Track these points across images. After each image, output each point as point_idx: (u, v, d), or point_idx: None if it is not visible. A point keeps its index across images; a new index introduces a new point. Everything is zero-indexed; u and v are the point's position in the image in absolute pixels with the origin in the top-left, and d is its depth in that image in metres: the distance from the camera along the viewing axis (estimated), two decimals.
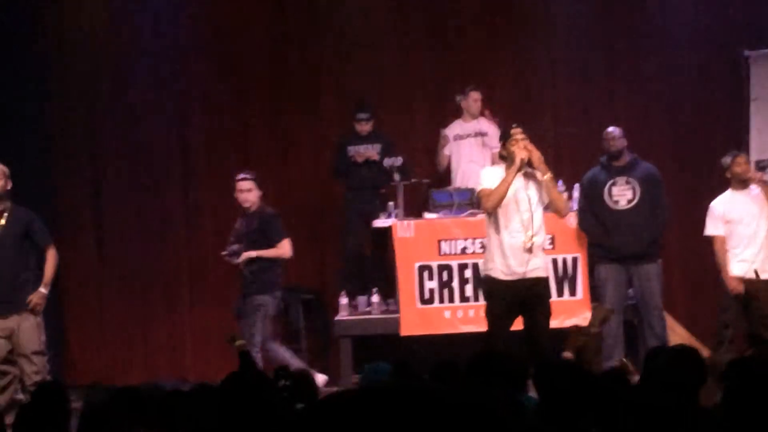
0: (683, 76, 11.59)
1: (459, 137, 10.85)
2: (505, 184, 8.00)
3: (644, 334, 9.63)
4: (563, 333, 9.15)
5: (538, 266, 8.12)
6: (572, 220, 9.91)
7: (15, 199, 8.95)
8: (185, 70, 11.95)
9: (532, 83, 11.84)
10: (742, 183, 9.43)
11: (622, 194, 9.68)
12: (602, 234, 9.67)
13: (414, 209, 10.50)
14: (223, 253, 9.79)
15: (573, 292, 9.96)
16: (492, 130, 10.72)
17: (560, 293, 9.93)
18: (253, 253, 9.64)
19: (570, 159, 11.21)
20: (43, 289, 8.89)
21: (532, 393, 6.07)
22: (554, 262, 9.93)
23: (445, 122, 11.11)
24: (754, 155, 10.78)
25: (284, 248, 9.75)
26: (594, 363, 8.80)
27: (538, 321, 8.12)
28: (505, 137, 8.20)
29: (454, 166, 10.91)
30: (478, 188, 8.26)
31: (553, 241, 9.94)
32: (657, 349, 6.58)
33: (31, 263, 9.00)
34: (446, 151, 10.93)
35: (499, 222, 8.08)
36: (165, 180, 11.96)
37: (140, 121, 11.92)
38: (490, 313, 8.19)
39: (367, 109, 10.98)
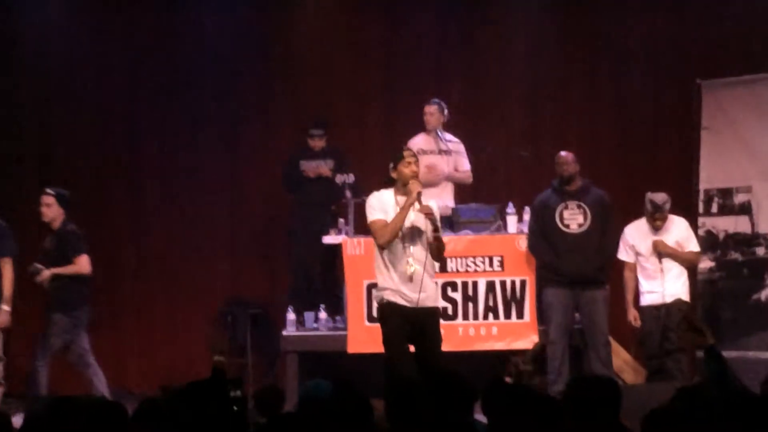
0: (635, 102, 11.69)
1: (423, 152, 10.59)
2: (400, 220, 7.83)
3: (589, 358, 9.66)
4: (505, 356, 9.19)
5: (425, 295, 7.93)
6: (522, 242, 9.95)
7: None
8: (135, 83, 11.90)
9: (484, 105, 11.88)
10: None
11: (573, 218, 9.72)
12: (552, 257, 9.70)
13: (365, 227, 10.44)
14: (29, 269, 9.67)
15: (520, 315, 9.98)
16: (458, 149, 10.61)
17: (507, 316, 9.96)
18: (48, 272, 9.55)
19: (520, 182, 11.25)
20: (6, 307, 9.16)
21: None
22: (503, 284, 9.97)
23: (398, 137, 11.06)
24: (703, 184, 10.87)
25: (81, 264, 9.67)
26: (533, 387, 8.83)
27: (428, 350, 8.00)
28: (395, 159, 7.99)
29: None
30: (370, 218, 8.01)
31: (501, 263, 9.98)
32: (577, 378, 6.61)
33: None
34: None
35: (391, 250, 7.94)
36: (111, 184, 11.92)
37: (90, 119, 11.87)
38: (387, 334, 8.01)
39: (321, 125, 10.94)
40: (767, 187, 10.59)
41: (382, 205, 7.97)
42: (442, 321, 8.25)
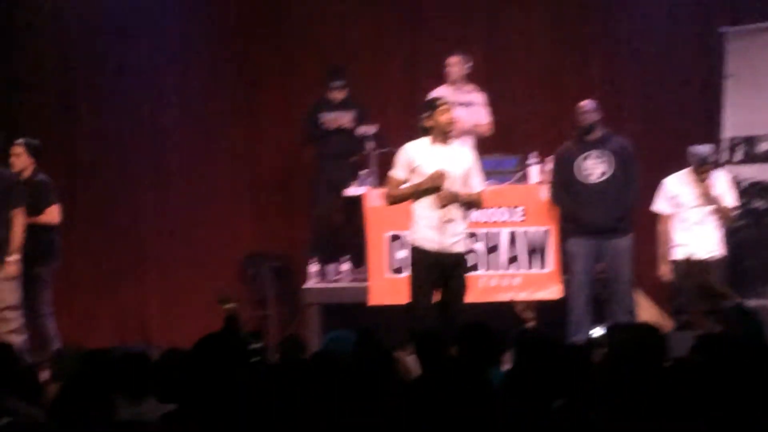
0: (659, 52, 11.58)
1: None
2: (410, 196, 8.24)
3: (612, 309, 9.60)
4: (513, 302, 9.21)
5: (456, 240, 8.24)
6: (543, 193, 9.90)
7: None
8: (154, 43, 11.86)
9: (506, 53, 11.79)
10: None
11: (594, 168, 9.62)
12: (573, 208, 9.64)
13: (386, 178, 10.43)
14: None
15: (543, 265, 9.95)
16: (479, 100, 10.57)
17: (530, 266, 9.94)
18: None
19: (542, 132, 11.18)
20: (16, 256, 9.14)
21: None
22: (525, 234, 9.94)
23: (419, 90, 11.02)
24: (729, 132, 10.79)
25: (51, 215, 9.67)
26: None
27: (453, 293, 8.29)
28: (430, 107, 8.32)
29: None
30: (391, 171, 8.37)
31: (524, 214, 9.94)
32: (619, 326, 6.57)
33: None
34: None
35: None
36: (131, 143, 11.88)
37: (110, 79, 11.83)
38: (414, 282, 8.34)
39: (341, 76, 10.87)
40: None
41: (407, 160, 8.25)
42: None
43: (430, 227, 8.18)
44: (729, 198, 9.65)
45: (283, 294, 11.45)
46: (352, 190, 10.34)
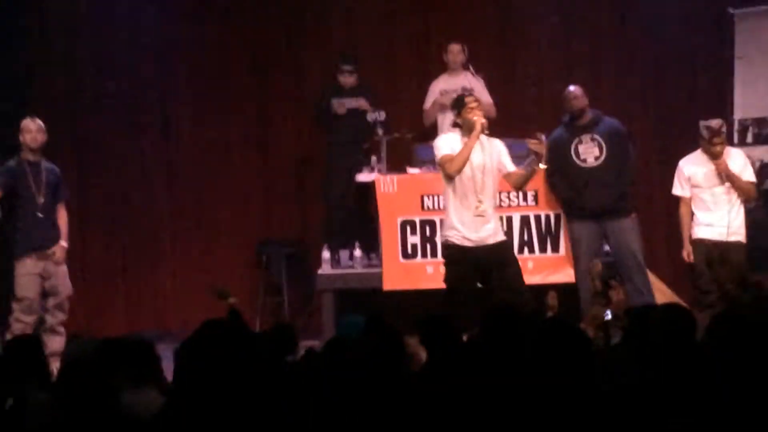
0: (669, 34, 11.57)
1: (445, 92, 10.78)
2: (468, 149, 8.30)
3: (626, 289, 9.58)
4: (544, 288, 9.16)
5: (491, 232, 8.37)
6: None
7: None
8: (165, 28, 11.88)
9: (515, 39, 11.82)
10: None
11: (589, 152, 9.63)
12: (572, 193, 9.65)
13: (397, 164, 10.47)
14: None
15: (556, 248, 9.97)
16: (478, 85, 10.67)
17: (543, 250, 9.96)
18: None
19: (552, 116, 11.16)
20: (64, 243, 9.27)
21: None
22: (537, 218, 9.96)
23: (429, 77, 11.07)
24: (738, 114, 10.80)
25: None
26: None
27: (510, 278, 8.34)
28: (458, 106, 8.50)
29: (440, 120, 10.86)
30: (438, 155, 8.43)
31: (536, 198, 9.96)
32: (644, 308, 6.52)
33: None
34: (433, 104, 10.88)
35: (455, 188, 8.35)
36: (144, 131, 11.92)
37: (121, 70, 11.86)
38: (450, 278, 8.41)
39: (351, 61, 10.92)
40: None
41: (449, 143, 8.43)
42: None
43: (463, 223, 8.31)
44: (747, 173, 9.40)
45: (296, 280, 11.49)
46: (363, 176, 10.36)
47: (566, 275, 9.75)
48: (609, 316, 8.04)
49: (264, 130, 11.89)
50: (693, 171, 9.37)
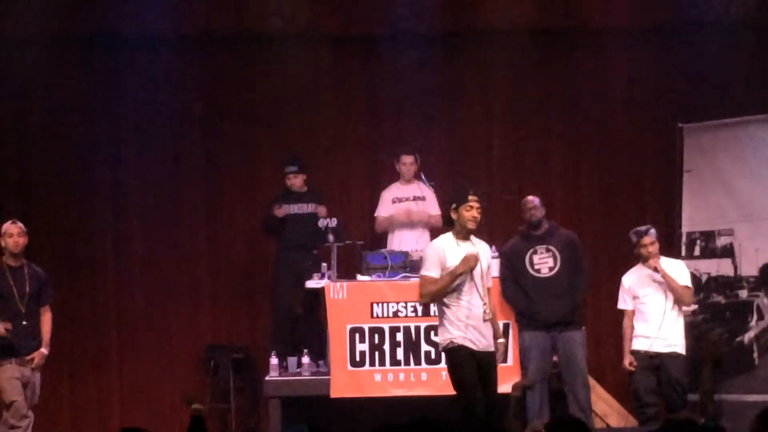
0: (618, 146, 11.74)
1: (397, 200, 10.86)
2: (449, 281, 8.07)
3: (567, 402, 9.60)
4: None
5: (490, 339, 8.23)
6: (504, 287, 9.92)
7: None
8: (117, 124, 11.88)
9: (467, 149, 11.91)
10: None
11: (542, 262, 9.72)
12: (525, 302, 9.69)
13: (347, 271, 10.47)
14: None
15: (504, 359, 9.94)
16: (429, 194, 10.75)
17: None
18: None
19: (503, 225, 11.22)
20: (45, 350, 9.29)
21: None
22: None
23: (382, 185, 11.13)
24: (686, 227, 10.90)
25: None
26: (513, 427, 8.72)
27: (493, 389, 8.25)
28: (459, 199, 8.20)
29: (389, 237, 10.92)
30: (422, 269, 8.23)
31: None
32: (555, 420, 6.52)
33: None
34: (384, 213, 10.92)
35: (462, 292, 8.13)
36: (95, 227, 11.84)
37: (73, 158, 11.84)
38: (463, 377, 8.15)
39: (295, 162, 10.94)
40: (749, 230, 10.63)
41: (438, 258, 8.15)
42: (425, 365, 8.29)
43: (472, 327, 8.10)
44: (683, 278, 9.54)
45: (244, 386, 11.39)
46: (313, 283, 10.32)
47: (512, 386, 9.69)
48: None
49: (214, 232, 11.85)
50: (631, 279, 9.58)
